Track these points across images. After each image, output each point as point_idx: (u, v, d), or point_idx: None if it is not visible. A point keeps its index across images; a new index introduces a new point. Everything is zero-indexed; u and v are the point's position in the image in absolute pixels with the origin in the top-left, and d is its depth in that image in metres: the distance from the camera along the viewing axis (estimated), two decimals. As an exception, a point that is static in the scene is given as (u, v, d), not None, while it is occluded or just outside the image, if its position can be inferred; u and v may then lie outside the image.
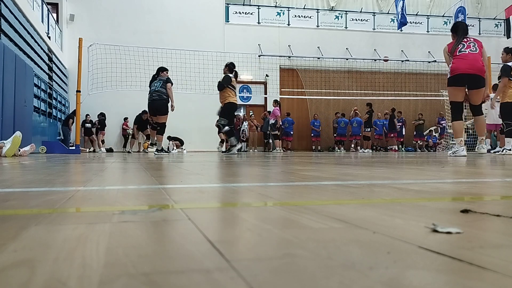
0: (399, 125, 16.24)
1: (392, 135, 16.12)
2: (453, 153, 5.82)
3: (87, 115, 14.56)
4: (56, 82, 13.64)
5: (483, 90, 5.55)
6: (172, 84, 8.47)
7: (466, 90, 5.66)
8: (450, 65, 5.59)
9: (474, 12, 18.95)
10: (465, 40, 5.63)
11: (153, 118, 8.57)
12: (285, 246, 0.56)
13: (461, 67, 5.41)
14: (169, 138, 9.13)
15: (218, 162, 4.23)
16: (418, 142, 16.92)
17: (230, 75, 8.22)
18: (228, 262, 0.48)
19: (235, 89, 8.22)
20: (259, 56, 16.72)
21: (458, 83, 5.52)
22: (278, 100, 14.67)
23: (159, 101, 8.23)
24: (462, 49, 5.52)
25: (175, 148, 12.04)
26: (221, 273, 0.44)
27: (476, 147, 6.23)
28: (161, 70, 8.68)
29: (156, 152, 8.36)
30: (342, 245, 0.56)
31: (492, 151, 8.44)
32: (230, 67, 8.39)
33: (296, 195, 1.24)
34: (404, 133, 16.83)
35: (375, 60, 17.53)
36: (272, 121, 14.23)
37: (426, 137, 16.90)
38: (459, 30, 5.78)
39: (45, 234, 0.65)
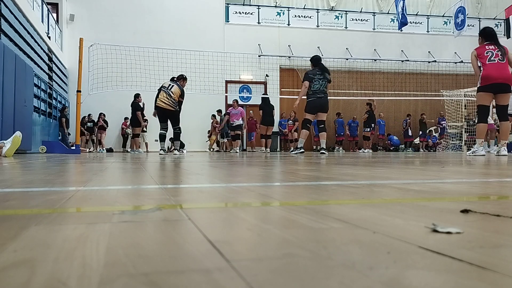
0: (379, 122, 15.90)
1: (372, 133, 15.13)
2: (472, 153, 6.20)
3: (89, 114, 14.53)
4: (56, 82, 13.64)
5: (509, 94, 6.15)
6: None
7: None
8: (480, 73, 6.05)
9: (474, 12, 18.94)
10: (492, 48, 6.03)
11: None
12: (285, 246, 0.56)
13: (492, 77, 5.92)
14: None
15: (218, 162, 4.24)
16: (418, 142, 16.94)
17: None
18: (228, 262, 0.48)
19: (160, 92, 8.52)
20: (259, 56, 16.71)
21: (488, 90, 6.04)
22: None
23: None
24: (491, 58, 5.97)
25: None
26: (221, 273, 0.44)
27: (497, 150, 6.61)
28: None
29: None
30: (342, 245, 0.56)
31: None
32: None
33: (296, 195, 1.24)
34: (410, 133, 16.84)
35: (375, 60, 17.54)
36: (238, 122, 13.65)
37: (426, 137, 16.92)
38: (488, 35, 6.21)
39: (45, 234, 0.65)
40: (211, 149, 15.08)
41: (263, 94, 14.20)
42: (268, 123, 13.46)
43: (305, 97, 8.19)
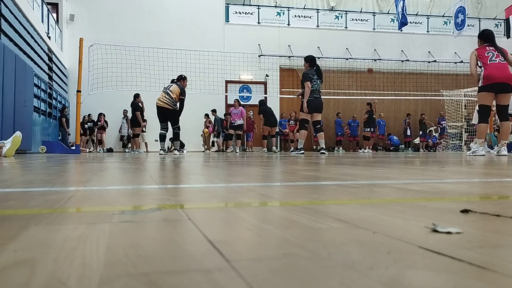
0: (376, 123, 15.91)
1: (372, 134, 15.14)
2: (472, 153, 6.21)
3: (89, 114, 14.51)
4: (56, 82, 13.64)
5: (510, 94, 6.14)
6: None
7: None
8: (480, 72, 6.08)
9: (474, 12, 18.94)
10: (492, 49, 6.07)
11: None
12: (285, 246, 0.56)
13: (494, 77, 5.95)
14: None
15: (217, 162, 4.24)
16: (418, 142, 16.93)
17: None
18: (228, 262, 0.48)
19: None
20: (259, 56, 16.71)
21: (490, 90, 6.06)
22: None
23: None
24: (493, 58, 6.01)
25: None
26: (221, 273, 0.44)
27: (497, 150, 6.62)
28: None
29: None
30: (342, 245, 0.56)
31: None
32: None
33: (296, 195, 1.24)
34: (409, 133, 16.85)
35: (375, 60, 17.53)
36: (239, 121, 13.74)
37: (426, 137, 16.92)
38: (488, 37, 6.23)
39: (45, 234, 0.65)
40: (208, 150, 15.05)
41: (260, 100, 14.32)
42: (272, 123, 13.69)
43: (298, 96, 8.26)
